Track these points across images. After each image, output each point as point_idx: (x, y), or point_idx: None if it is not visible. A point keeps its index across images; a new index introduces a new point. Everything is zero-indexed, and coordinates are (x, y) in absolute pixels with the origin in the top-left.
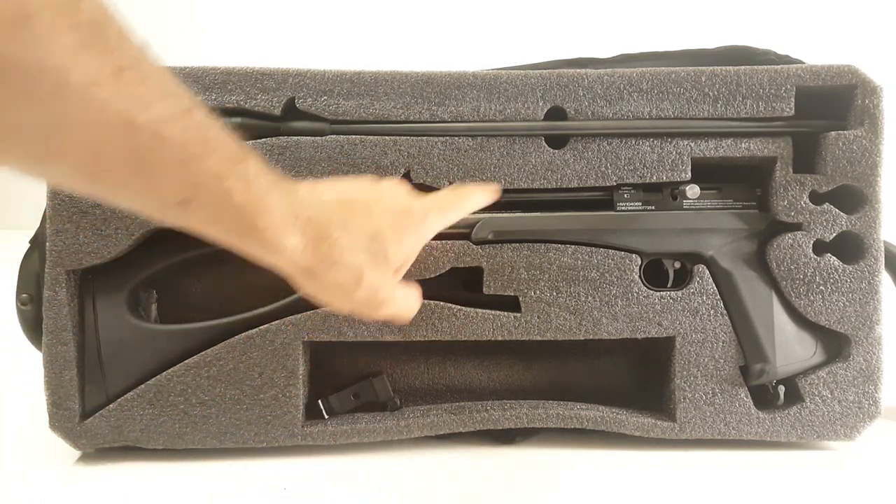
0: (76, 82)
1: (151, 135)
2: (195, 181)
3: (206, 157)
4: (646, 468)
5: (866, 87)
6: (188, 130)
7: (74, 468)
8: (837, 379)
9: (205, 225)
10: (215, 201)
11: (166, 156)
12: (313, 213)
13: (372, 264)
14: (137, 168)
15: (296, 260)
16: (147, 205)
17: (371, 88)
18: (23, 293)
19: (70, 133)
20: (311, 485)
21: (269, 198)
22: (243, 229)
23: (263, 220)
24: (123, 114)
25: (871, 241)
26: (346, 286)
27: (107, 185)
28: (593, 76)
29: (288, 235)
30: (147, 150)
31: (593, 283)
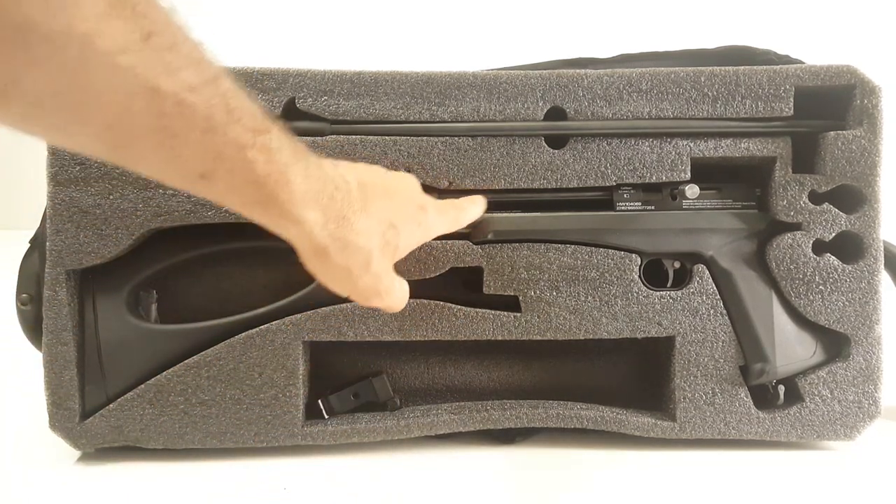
0: (103, 48)
1: (176, 103)
2: (218, 151)
3: (230, 127)
4: (646, 468)
5: (865, 87)
6: (213, 99)
7: (74, 468)
8: (837, 379)
9: (227, 195)
10: (237, 172)
11: (191, 125)
12: (335, 191)
13: (382, 252)
14: (161, 137)
15: (313, 235)
16: (170, 174)
17: (371, 88)
18: (23, 293)
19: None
20: (311, 485)
21: (292, 170)
22: (264, 201)
23: (285, 192)
24: (150, 80)
25: (870, 240)
26: (353, 270)
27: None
28: (593, 76)
29: (308, 210)
30: (171, 119)
31: (593, 282)
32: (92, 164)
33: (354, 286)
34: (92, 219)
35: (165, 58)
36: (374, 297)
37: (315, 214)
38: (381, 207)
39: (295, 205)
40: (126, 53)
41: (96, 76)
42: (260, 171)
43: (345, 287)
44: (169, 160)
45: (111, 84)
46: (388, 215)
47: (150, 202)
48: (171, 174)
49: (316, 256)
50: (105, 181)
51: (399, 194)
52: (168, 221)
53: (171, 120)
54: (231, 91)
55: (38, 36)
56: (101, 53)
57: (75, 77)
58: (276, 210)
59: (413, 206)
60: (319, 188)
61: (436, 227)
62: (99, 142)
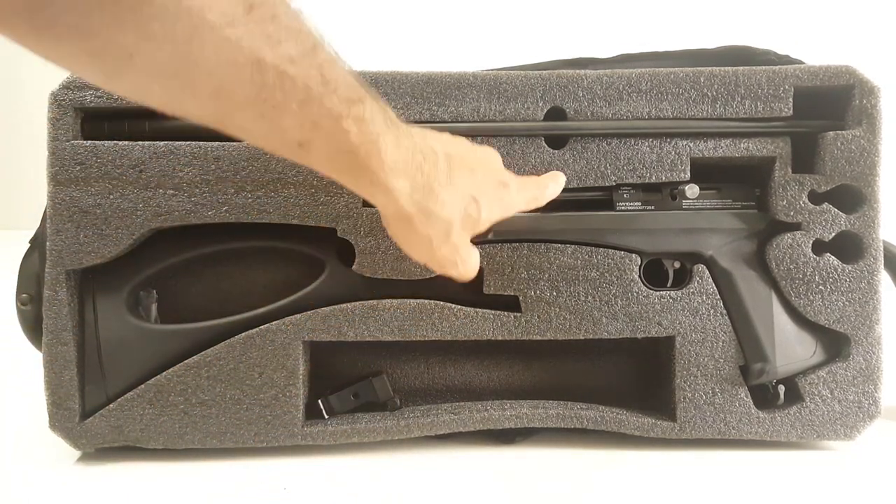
0: (212, 22)
1: (278, 74)
2: (315, 121)
3: (326, 98)
4: (646, 468)
5: (864, 87)
6: (311, 70)
7: (74, 468)
8: (837, 378)
9: (322, 163)
10: (332, 141)
11: (290, 96)
12: (423, 162)
13: (463, 224)
14: (262, 108)
15: (399, 204)
16: (270, 142)
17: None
18: (23, 293)
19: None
20: (311, 485)
21: (383, 140)
22: (357, 169)
23: (376, 161)
24: (254, 52)
25: (870, 240)
26: (434, 240)
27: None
28: (593, 76)
29: (397, 179)
30: (273, 90)
31: (593, 282)
32: (92, 164)
33: (433, 255)
34: (92, 219)
35: (267, 29)
36: (451, 267)
37: (403, 183)
38: (465, 180)
39: (385, 173)
40: (233, 26)
41: (205, 49)
42: (353, 140)
43: (423, 255)
44: (269, 129)
45: (218, 56)
46: (471, 189)
47: (150, 202)
48: (271, 142)
49: (400, 224)
50: (105, 181)
51: (482, 169)
52: (168, 221)
53: (272, 91)
54: (328, 61)
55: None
56: (210, 27)
57: (186, 49)
58: (367, 178)
59: (495, 181)
60: (408, 158)
61: (516, 204)
62: (205, 111)
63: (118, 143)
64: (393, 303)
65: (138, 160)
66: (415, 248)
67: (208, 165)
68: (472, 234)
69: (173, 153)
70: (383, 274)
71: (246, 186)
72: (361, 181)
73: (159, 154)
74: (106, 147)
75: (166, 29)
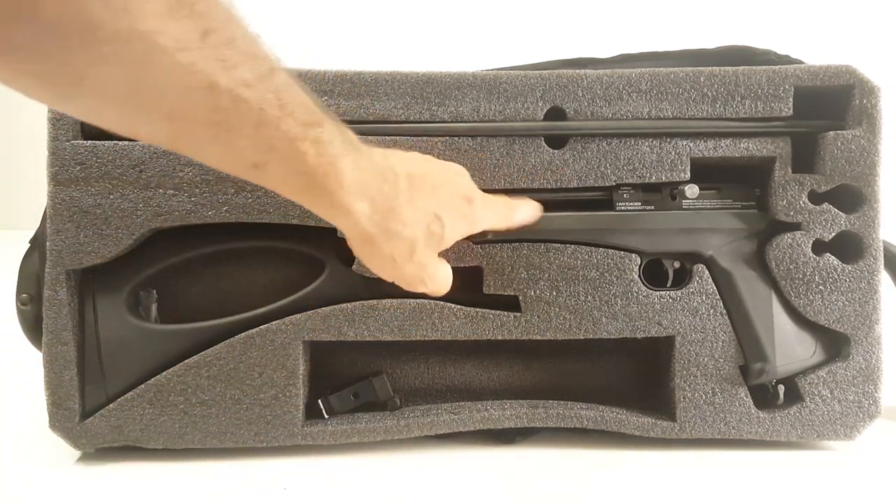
0: (165, 46)
1: (232, 98)
2: (270, 144)
3: (282, 121)
4: (646, 468)
5: (864, 87)
6: (267, 94)
7: (74, 468)
8: (837, 378)
9: (279, 184)
10: (289, 163)
11: (244, 120)
12: (384, 183)
13: (426, 242)
14: (217, 130)
15: (360, 225)
16: (225, 164)
17: (371, 89)
18: (23, 293)
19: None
20: (311, 485)
21: (342, 162)
22: (315, 191)
23: (334, 183)
24: (208, 77)
25: (870, 240)
26: (398, 258)
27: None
28: (593, 76)
29: (357, 201)
30: (227, 113)
31: (593, 282)
32: (92, 164)
33: (400, 273)
34: (92, 219)
35: (223, 54)
36: (419, 284)
37: (363, 205)
38: (427, 198)
39: (344, 195)
40: (186, 51)
41: (157, 73)
42: (311, 162)
43: (390, 273)
44: (224, 151)
45: (171, 80)
46: (433, 206)
47: (150, 202)
48: (227, 163)
49: (363, 244)
50: (105, 181)
51: (445, 186)
52: (168, 221)
53: (227, 114)
54: (284, 85)
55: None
56: (162, 51)
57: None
58: (326, 199)
59: (459, 197)
60: (368, 180)
61: (483, 220)
62: (159, 133)
63: (118, 143)
64: (393, 303)
65: (138, 160)
66: (380, 268)
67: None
68: (437, 251)
69: (173, 153)
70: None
71: (246, 186)
72: (320, 203)
73: (159, 154)
74: (106, 147)
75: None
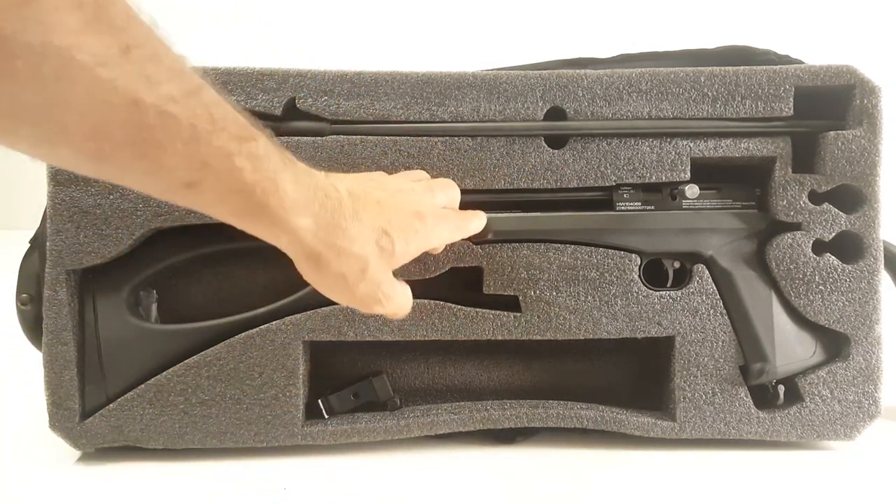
0: (82, 62)
1: (159, 114)
2: (203, 160)
3: (215, 136)
4: (646, 468)
5: (865, 87)
6: (197, 109)
7: (74, 468)
8: (837, 378)
9: (214, 205)
10: (224, 180)
11: (174, 135)
12: (326, 199)
13: (378, 259)
14: (144, 149)
15: (305, 242)
16: (155, 185)
17: (371, 88)
18: (23, 293)
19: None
20: (311, 485)
21: (281, 177)
22: (254, 209)
23: (274, 199)
24: (131, 93)
25: (870, 240)
26: (349, 277)
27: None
28: (593, 76)
29: (299, 217)
30: (154, 130)
31: (593, 282)
32: None
33: (353, 294)
34: (92, 219)
35: (146, 70)
36: (375, 304)
37: (306, 221)
38: (374, 215)
39: (285, 212)
40: (105, 66)
41: (75, 90)
42: (248, 179)
43: (342, 295)
44: (152, 171)
45: (91, 97)
46: (380, 223)
47: (151, 202)
48: (156, 185)
49: (309, 264)
50: (105, 181)
51: (392, 202)
52: (168, 221)
53: (153, 131)
54: (215, 101)
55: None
56: (80, 67)
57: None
58: (266, 218)
59: (408, 213)
60: (310, 196)
61: (436, 235)
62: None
63: None
64: None
65: None
66: (332, 289)
67: None
68: (391, 268)
69: None
70: None
71: None
72: (260, 222)
73: None
74: None
75: (31, 68)
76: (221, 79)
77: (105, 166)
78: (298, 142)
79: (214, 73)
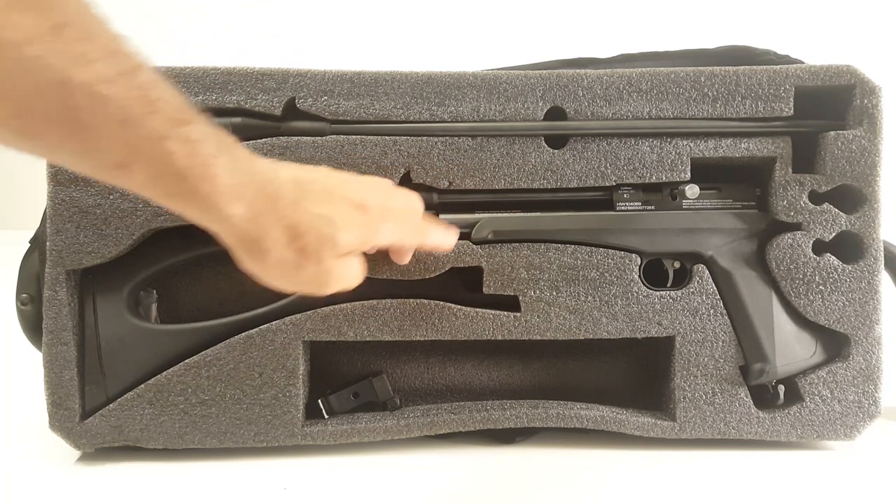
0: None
1: (89, 94)
2: (134, 143)
3: (147, 119)
4: (646, 468)
5: (865, 86)
6: (130, 91)
7: (74, 468)
8: (837, 378)
9: (145, 187)
10: (155, 163)
11: (104, 116)
12: (265, 185)
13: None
14: (73, 128)
15: (240, 230)
16: (84, 164)
17: (371, 88)
18: (23, 293)
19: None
20: (311, 485)
21: (216, 163)
22: (185, 193)
23: (206, 184)
24: (60, 72)
25: (870, 240)
26: (288, 265)
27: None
28: (593, 76)
29: (233, 204)
30: (83, 111)
31: (593, 282)
32: None
33: (295, 281)
34: (92, 219)
35: (78, 49)
36: (320, 289)
37: (240, 209)
38: (316, 203)
39: (219, 198)
40: (33, 44)
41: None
42: (179, 163)
43: (285, 282)
44: (82, 151)
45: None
46: (323, 209)
47: (150, 202)
48: (86, 164)
49: (244, 252)
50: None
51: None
52: (168, 221)
53: (84, 111)
54: (151, 82)
55: None
56: (7, 44)
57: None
58: (198, 203)
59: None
60: (247, 181)
61: (383, 232)
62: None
63: None
64: (393, 303)
65: None
66: (270, 276)
67: None
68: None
69: None
70: (383, 274)
71: None
72: (192, 206)
73: None
74: None
75: None
76: (221, 79)
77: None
78: (299, 142)
79: (215, 74)
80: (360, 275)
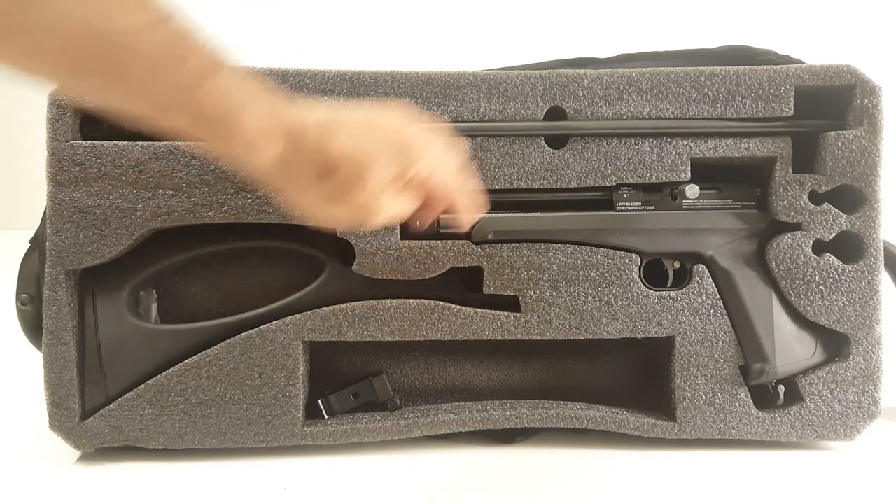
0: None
1: (117, 45)
2: (167, 92)
3: (175, 69)
4: (646, 468)
5: (865, 86)
6: (158, 41)
7: (74, 468)
8: (837, 379)
9: (188, 130)
10: (191, 110)
11: (135, 66)
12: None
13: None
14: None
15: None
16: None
17: (371, 88)
18: (23, 293)
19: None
20: (311, 485)
21: (242, 113)
22: (222, 137)
23: (236, 132)
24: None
25: (870, 240)
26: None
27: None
28: (593, 76)
29: (264, 147)
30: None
31: (593, 282)
32: (91, 165)
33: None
34: (92, 219)
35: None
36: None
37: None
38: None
39: (249, 143)
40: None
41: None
42: (209, 112)
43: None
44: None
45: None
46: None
47: (150, 202)
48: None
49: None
50: (105, 181)
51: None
52: (168, 221)
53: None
54: (179, 33)
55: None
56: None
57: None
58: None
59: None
60: (275, 126)
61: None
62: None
63: (117, 144)
64: (393, 303)
65: (138, 160)
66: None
67: (208, 165)
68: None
69: (173, 153)
70: (383, 274)
71: (246, 186)
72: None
73: (159, 154)
74: (105, 147)
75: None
76: None
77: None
78: None
79: None
80: (404, 207)
